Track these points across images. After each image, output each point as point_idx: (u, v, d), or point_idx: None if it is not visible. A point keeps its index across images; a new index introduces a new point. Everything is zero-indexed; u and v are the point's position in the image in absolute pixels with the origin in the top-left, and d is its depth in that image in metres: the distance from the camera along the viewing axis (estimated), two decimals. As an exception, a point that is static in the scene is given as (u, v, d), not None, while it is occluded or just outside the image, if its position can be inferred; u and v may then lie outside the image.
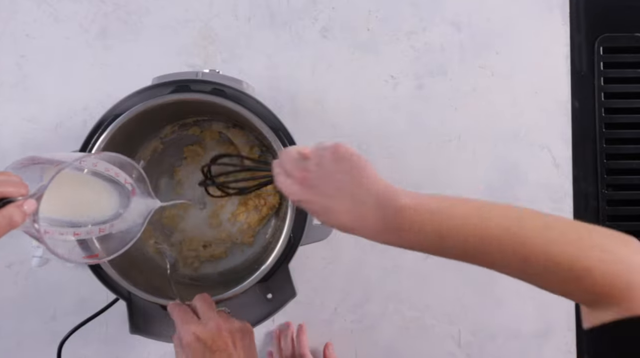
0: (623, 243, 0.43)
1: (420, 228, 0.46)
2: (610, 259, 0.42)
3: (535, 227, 0.44)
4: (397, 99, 0.85)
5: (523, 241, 0.44)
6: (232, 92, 0.71)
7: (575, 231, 0.44)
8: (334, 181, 0.50)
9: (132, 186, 0.60)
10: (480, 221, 0.45)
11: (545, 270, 0.43)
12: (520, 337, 0.83)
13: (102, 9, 0.85)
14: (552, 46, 0.86)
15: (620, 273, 0.42)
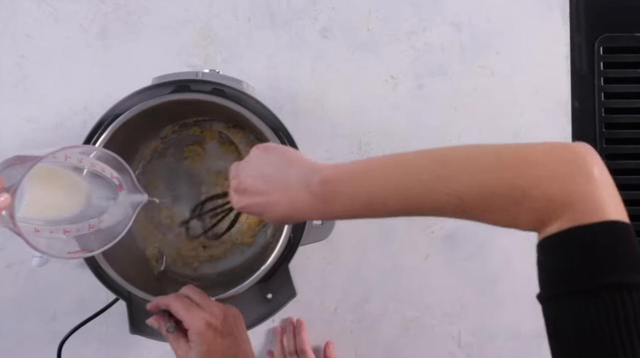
0: (558, 153, 0.42)
1: (348, 196, 0.47)
2: (544, 174, 0.41)
3: (461, 166, 0.43)
4: (397, 99, 0.85)
5: (453, 185, 0.43)
6: (232, 92, 0.71)
7: (505, 154, 0.43)
8: (262, 177, 0.52)
9: (118, 181, 0.60)
10: (403, 178, 0.45)
11: (483, 204, 0.42)
12: (521, 337, 0.83)
13: (102, 9, 0.85)
14: (552, 46, 0.86)
15: (558, 186, 0.40)
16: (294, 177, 0.50)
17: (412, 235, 0.84)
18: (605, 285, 0.38)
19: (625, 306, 0.37)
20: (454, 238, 0.84)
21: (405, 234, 0.84)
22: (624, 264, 0.38)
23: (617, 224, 0.40)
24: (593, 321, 0.37)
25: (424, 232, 0.84)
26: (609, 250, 0.39)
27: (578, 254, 0.39)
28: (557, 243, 0.40)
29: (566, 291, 0.39)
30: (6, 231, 0.60)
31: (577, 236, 0.40)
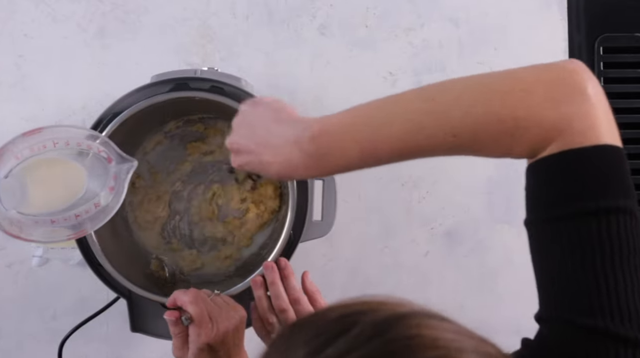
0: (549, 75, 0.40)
1: (340, 150, 0.45)
2: (536, 100, 0.39)
3: (451, 102, 0.42)
4: (396, 95, 0.85)
5: (445, 123, 0.41)
6: (231, 90, 0.71)
7: (494, 85, 0.41)
8: (252, 137, 0.51)
9: (106, 154, 0.60)
10: (394, 123, 0.43)
11: (477, 138, 0.41)
12: (521, 332, 0.83)
13: (100, 8, 0.85)
14: (550, 41, 0.86)
15: (550, 111, 0.39)
16: (283, 136, 0.48)
17: (411, 232, 0.84)
18: (594, 209, 0.37)
19: (610, 230, 0.37)
20: (453, 235, 0.84)
21: (405, 231, 0.84)
22: (614, 189, 0.38)
23: (610, 148, 0.39)
24: (580, 243, 0.37)
25: (424, 228, 0.84)
26: (600, 174, 0.38)
27: (569, 177, 0.39)
28: (548, 166, 0.40)
29: (555, 214, 0.39)
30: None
31: (569, 159, 0.39)
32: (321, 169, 0.47)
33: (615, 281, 0.36)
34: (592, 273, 0.37)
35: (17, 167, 0.55)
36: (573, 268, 0.37)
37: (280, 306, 0.65)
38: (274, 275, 0.65)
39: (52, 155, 0.58)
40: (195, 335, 0.60)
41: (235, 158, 0.54)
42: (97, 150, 0.59)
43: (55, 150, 0.58)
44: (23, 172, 0.54)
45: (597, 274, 0.37)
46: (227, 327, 0.61)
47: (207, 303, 0.62)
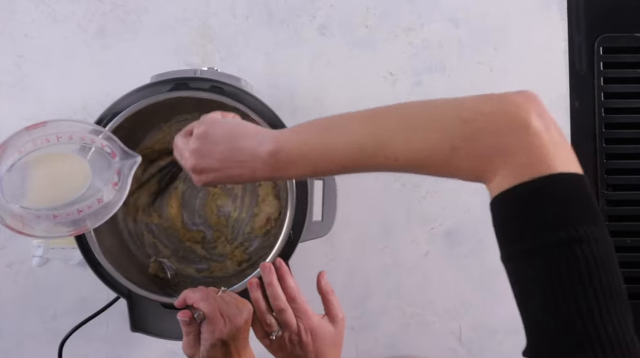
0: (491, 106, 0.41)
1: (296, 165, 0.49)
2: (474, 130, 0.40)
3: (393, 128, 0.44)
4: (396, 95, 0.85)
5: (387, 148, 0.44)
6: (231, 90, 0.71)
7: (436, 113, 0.43)
8: (215, 157, 0.53)
9: (110, 149, 0.60)
10: (341, 143, 0.46)
11: (418, 163, 0.43)
12: (521, 332, 0.83)
13: (100, 8, 0.85)
14: (550, 41, 0.86)
15: (488, 141, 0.39)
16: (245, 152, 0.51)
17: (411, 232, 0.84)
18: (555, 241, 0.37)
19: (577, 260, 0.36)
20: (453, 235, 0.84)
21: (405, 231, 0.84)
22: (575, 217, 0.37)
23: (564, 177, 0.38)
24: (551, 277, 0.37)
25: (424, 228, 0.84)
26: (557, 204, 0.38)
27: (527, 211, 0.38)
28: (505, 202, 0.40)
29: (518, 251, 0.39)
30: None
31: (523, 192, 0.39)
32: (283, 178, 0.55)
33: (589, 311, 0.36)
34: (567, 306, 0.36)
35: (19, 161, 0.55)
36: (550, 303, 0.37)
37: (278, 307, 0.65)
38: (272, 276, 0.66)
39: (55, 149, 0.58)
40: (209, 332, 0.61)
41: (199, 178, 0.55)
42: (100, 145, 0.59)
43: (59, 144, 0.58)
44: (26, 166, 0.54)
45: (570, 306, 0.36)
46: (239, 322, 0.62)
47: (217, 300, 0.63)
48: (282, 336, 0.65)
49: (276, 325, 0.66)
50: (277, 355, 0.67)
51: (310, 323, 0.65)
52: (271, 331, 0.65)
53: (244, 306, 0.63)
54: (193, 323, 0.62)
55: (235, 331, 0.62)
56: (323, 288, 0.68)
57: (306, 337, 0.65)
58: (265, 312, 0.66)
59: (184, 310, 0.62)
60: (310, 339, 0.65)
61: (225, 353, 0.62)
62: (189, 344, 0.62)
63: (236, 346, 0.62)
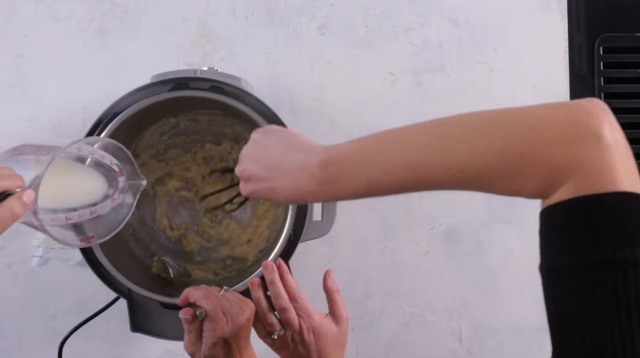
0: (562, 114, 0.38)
1: (348, 179, 0.46)
2: (545, 138, 0.38)
3: (459, 137, 0.42)
4: (396, 95, 0.85)
5: (452, 158, 0.41)
6: (231, 90, 0.71)
7: (504, 120, 0.41)
8: (263, 164, 0.52)
9: (118, 168, 0.61)
10: (401, 155, 0.44)
11: (484, 174, 0.40)
12: (521, 332, 0.83)
13: (100, 8, 0.85)
14: (550, 41, 0.86)
15: (560, 151, 0.37)
16: (294, 162, 0.50)
17: (412, 232, 0.84)
18: (608, 260, 0.35)
19: (627, 282, 0.34)
20: (453, 234, 0.84)
21: (405, 230, 0.84)
22: (632, 238, 0.36)
23: (627, 196, 0.37)
24: (594, 295, 0.35)
25: (424, 228, 0.84)
26: (617, 223, 0.36)
27: (584, 225, 0.37)
28: (562, 212, 0.38)
29: (566, 264, 0.37)
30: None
31: (583, 206, 0.37)
32: (329, 195, 0.48)
33: (632, 337, 0.34)
34: (608, 328, 0.34)
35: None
36: (590, 323, 0.35)
37: (280, 305, 0.65)
38: (274, 275, 0.65)
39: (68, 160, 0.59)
40: (211, 330, 0.61)
41: (245, 186, 0.54)
42: (109, 162, 0.60)
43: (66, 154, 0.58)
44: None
45: (613, 329, 0.34)
46: (241, 320, 0.62)
47: (219, 298, 0.63)
48: (284, 335, 0.65)
49: (278, 324, 0.66)
50: (279, 353, 0.67)
51: (312, 322, 0.65)
52: (273, 330, 0.65)
53: (246, 305, 0.64)
54: (195, 321, 0.62)
55: (237, 329, 0.62)
56: (329, 287, 0.68)
57: (308, 335, 0.65)
58: (266, 311, 0.66)
59: (185, 307, 0.63)
60: (312, 338, 0.65)
61: (226, 352, 0.62)
62: (191, 342, 0.63)
63: (238, 345, 0.62)
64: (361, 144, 0.47)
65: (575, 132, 0.37)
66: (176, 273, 0.77)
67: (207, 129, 0.79)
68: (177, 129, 0.79)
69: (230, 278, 0.77)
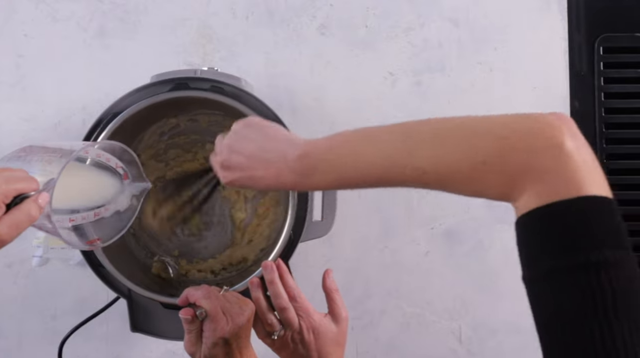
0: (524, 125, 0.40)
1: (323, 172, 0.49)
2: (506, 147, 0.40)
3: (423, 140, 0.44)
4: (396, 95, 0.85)
5: (415, 160, 0.44)
6: (231, 90, 0.71)
7: (468, 128, 0.43)
8: (244, 154, 0.54)
9: (123, 171, 0.61)
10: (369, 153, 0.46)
11: (445, 177, 0.43)
12: (521, 332, 0.83)
13: (100, 8, 0.85)
14: (550, 41, 0.86)
15: (519, 159, 0.39)
16: (274, 153, 0.52)
17: (411, 232, 0.84)
18: (582, 265, 0.36)
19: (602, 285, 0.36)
20: (453, 234, 0.84)
21: (405, 230, 0.84)
22: (600, 240, 0.37)
23: (594, 199, 0.38)
24: (570, 300, 0.36)
25: (424, 228, 0.84)
26: (585, 227, 0.37)
27: (554, 232, 0.38)
28: (531, 222, 0.39)
29: (543, 272, 0.38)
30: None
31: (551, 213, 0.38)
32: (306, 186, 0.51)
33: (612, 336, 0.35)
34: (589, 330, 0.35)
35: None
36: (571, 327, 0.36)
37: (280, 305, 0.65)
38: (273, 275, 0.65)
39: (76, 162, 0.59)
40: (211, 330, 0.61)
41: (226, 174, 0.56)
42: (115, 165, 0.60)
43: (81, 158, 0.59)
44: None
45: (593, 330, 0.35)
46: (241, 320, 0.62)
47: (219, 298, 0.63)
48: (284, 335, 0.65)
49: (278, 324, 0.66)
50: (279, 353, 0.67)
51: (311, 322, 0.65)
52: (273, 330, 0.65)
53: (246, 305, 0.64)
54: (195, 321, 0.62)
55: (237, 329, 0.62)
56: (328, 286, 0.68)
57: (308, 335, 0.65)
58: (266, 311, 0.66)
59: (186, 307, 0.63)
60: (312, 337, 0.65)
61: (226, 352, 0.62)
62: (191, 342, 0.63)
63: (238, 344, 0.63)
64: (335, 140, 0.50)
65: (537, 142, 0.39)
66: (176, 273, 0.77)
67: (207, 129, 0.79)
68: (177, 130, 0.79)
69: (230, 278, 0.77)
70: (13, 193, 0.47)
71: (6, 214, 0.47)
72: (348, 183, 0.49)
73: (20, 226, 0.47)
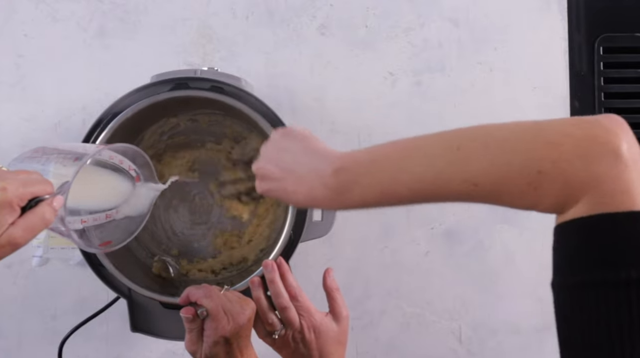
0: (580, 130, 0.38)
1: (361, 188, 0.46)
2: (562, 154, 0.37)
3: (474, 150, 0.41)
4: (396, 95, 0.85)
5: (467, 171, 0.41)
6: (231, 90, 0.71)
7: (521, 135, 0.40)
8: (278, 164, 0.52)
9: (136, 173, 0.61)
10: (416, 166, 0.44)
11: (499, 188, 0.40)
12: (521, 332, 0.83)
13: (100, 8, 0.85)
14: (550, 41, 0.86)
15: (577, 167, 0.37)
16: (307, 167, 0.50)
17: (411, 232, 0.84)
18: (622, 280, 0.35)
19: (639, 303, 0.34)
20: (453, 234, 0.84)
21: (405, 230, 0.84)
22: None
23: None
24: (607, 314, 0.35)
25: (424, 228, 0.84)
26: (633, 243, 0.36)
27: (599, 243, 0.36)
28: (577, 229, 0.38)
29: (579, 281, 0.37)
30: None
31: (599, 224, 0.36)
32: (342, 204, 0.48)
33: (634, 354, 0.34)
34: (620, 346, 0.34)
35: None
36: (599, 341, 0.35)
37: (281, 305, 0.65)
38: (274, 274, 0.65)
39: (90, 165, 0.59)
40: (212, 329, 0.61)
41: (260, 183, 0.54)
42: (127, 167, 0.60)
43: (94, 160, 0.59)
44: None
45: (624, 348, 0.34)
46: (242, 319, 0.62)
47: (220, 297, 0.63)
48: (285, 334, 0.65)
49: (278, 323, 0.66)
50: (280, 352, 0.67)
51: (312, 321, 0.65)
52: (273, 330, 0.65)
53: (246, 305, 0.64)
54: (196, 320, 0.62)
55: (238, 328, 0.62)
56: (329, 285, 0.68)
57: (309, 334, 0.65)
58: (267, 310, 0.66)
59: (187, 306, 0.63)
60: (313, 336, 0.65)
61: (227, 351, 0.62)
62: (192, 340, 0.63)
63: (238, 344, 0.63)
64: (376, 152, 0.47)
65: (593, 149, 0.37)
66: (176, 273, 0.77)
67: (207, 129, 0.79)
68: (177, 129, 0.79)
69: (230, 277, 0.77)
70: (29, 196, 0.47)
71: (21, 217, 0.47)
72: (391, 199, 0.45)
73: (35, 229, 0.47)
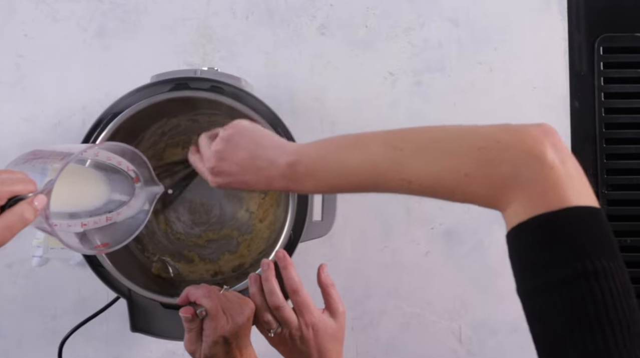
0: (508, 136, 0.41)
1: (313, 178, 0.51)
2: (489, 159, 0.41)
3: (411, 152, 0.45)
4: (396, 95, 0.85)
5: (403, 170, 0.45)
6: (231, 90, 0.71)
7: (453, 140, 0.44)
8: (235, 161, 0.56)
9: (135, 174, 0.61)
10: (358, 162, 0.48)
11: (431, 187, 0.44)
12: (521, 332, 0.83)
13: (100, 8, 0.85)
14: (550, 41, 0.86)
15: (501, 171, 0.40)
16: (264, 160, 0.54)
17: (411, 232, 0.84)
18: (570, 275, 0.37)
19: (594, 295, 0.36)
20: (453, 234, 0.84)
21: (405, 230, 0.84)
22: (588, 249, 0.37)
23: (579, 210, 0.38)
24: (567, 312, 0.36)
25: (424, 228, 0.84)
26: (572, 237, 0.38)
27: (543, 244, 0.39)
28: (520, 235, 0.40)
29: (534, 284, 0.39)
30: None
31: (538, 225, 0.39)
32: (298, 190, 0.54)
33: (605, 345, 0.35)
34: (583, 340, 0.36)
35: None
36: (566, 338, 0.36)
37: (274, 303, 0.64)
38: (269, 272, 0.64)
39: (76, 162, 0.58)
40: (211, 329, 0.62)
41: (215, 179, 0.58)
42: (126, 168, 0.60)
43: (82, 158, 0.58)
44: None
45: (586, 341, 0.35)
46: (241, 319, 0.63)
47: (219, 297, 0.63)
48: (281, 332, 0.65)
49: (274, 321, 0.65)
50: (278, 349, 0.67)
51: (311, 318, 0.65)
52: (269, 328, 0.65)
53: (246, 304, 0.64)
54: (195, 319, 0.62)
55: (237, 328, 0.62)
56: (323, 281, 0.67)
57: (307, 331, 0.65)
58: (262, 308, 0.65)
59: (186, 306, 0.63)
60: (311, 334, 0.65)
61: (226, 351, 0.62)
62: (191, 340, 0.63)
63: (238, 343, 0.63)
64: (324, 148, 0.51)
65: (518, 155, 0.40)
66: (176, 273, 0.77)
67: (207, 129, 0.79)
68: (177, 130, 0.79)
69: (230, 278, 0.77)
70: (7, 194, 0.47)
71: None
72: (337, 189, 0.52)
73: (13, 228, 0.47)
